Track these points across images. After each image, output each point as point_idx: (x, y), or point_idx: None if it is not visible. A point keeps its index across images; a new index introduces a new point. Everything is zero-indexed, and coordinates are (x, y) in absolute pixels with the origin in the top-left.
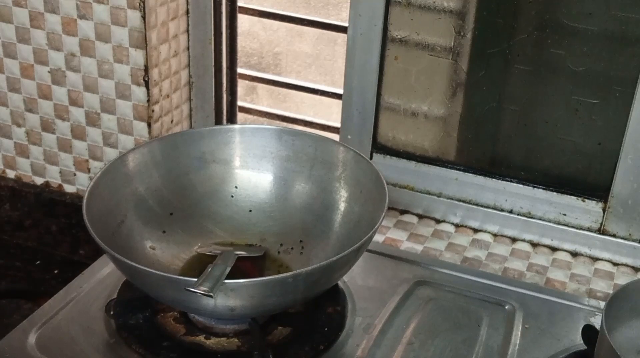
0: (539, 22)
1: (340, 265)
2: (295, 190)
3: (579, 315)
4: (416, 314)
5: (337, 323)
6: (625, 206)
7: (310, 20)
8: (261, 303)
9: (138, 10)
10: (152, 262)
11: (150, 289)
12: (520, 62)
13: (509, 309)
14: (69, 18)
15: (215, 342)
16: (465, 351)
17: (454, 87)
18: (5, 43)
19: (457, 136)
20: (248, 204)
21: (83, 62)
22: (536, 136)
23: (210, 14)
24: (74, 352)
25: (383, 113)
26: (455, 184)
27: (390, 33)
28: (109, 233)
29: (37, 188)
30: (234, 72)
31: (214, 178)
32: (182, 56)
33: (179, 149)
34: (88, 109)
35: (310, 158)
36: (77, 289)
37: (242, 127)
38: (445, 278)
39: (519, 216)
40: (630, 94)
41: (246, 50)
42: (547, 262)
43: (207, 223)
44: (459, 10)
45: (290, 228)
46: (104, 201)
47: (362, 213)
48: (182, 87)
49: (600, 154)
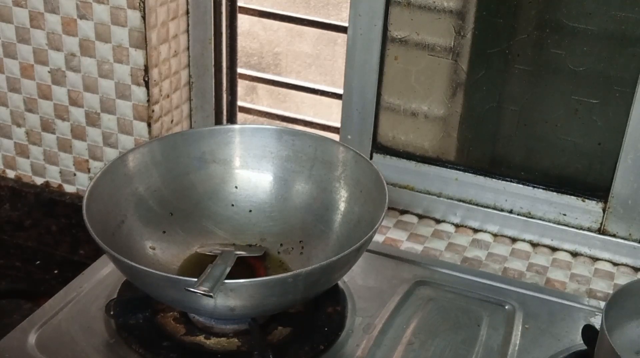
0: (539, 22)
1: (340, 265)
2: (295, 190)
3: (579, 315)
4: (416, 314)
5: (337, 323)
6: (625, 206)
7: (310, 20)
8: (261, 303)
9: (138, 10)
10: (152, 262)
11: (150, 289)
12: (520, 62)
13: (509, 309)
14: (69, 18)
15: (215, 342)
16: (465, 351)
17: (454, 87)
18: (5, 43)
19: (457, 136)
20: (248, 204)
21: (83, 62)
22: (536, 136)
23: (210, 14)
24: (74, 352)
25: (383, 113)
26: (455, 184)
27: (390, 33)
28: (109, 233)
29: (37, 188)
30: (234, 72)
31: (214, 178)
32: (182, 56)
33: (179, 149)
34: (88, 109)
35: (310, 158)
36: (77, 289)
37: (242, 127)
38: (445, 278)
39: (519, 216)
40: (630, 94)
41: (246, 50)
42: (547, 262)
43: (207, 223)
44: (459, 10)
45: (290, 228)
46: (104, 201)
47: (362, 213)
48: (182, 87)
49: (600, 154)
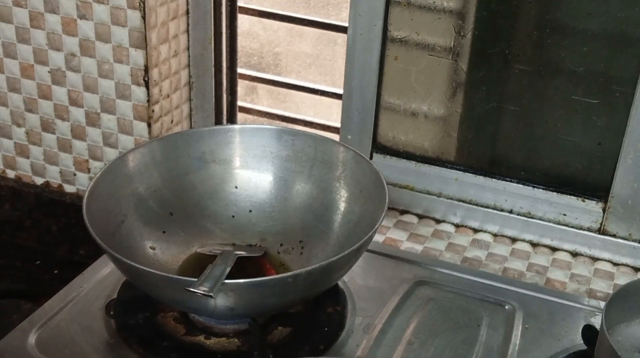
0: (539, 22)
1: (340, 265)
2: (295, 190)
3: (579, 315)
4: (416, 314)
5: (337, 323)
6: (625, 206)
7: (310, 20)
8: (261, 303)
9: (138, 10)
10: (152, 262)
11: (150, 289)
12: (520, 62)
13: (509, 309)
14: (69, 18)
15: (215, 342)
16: (465, 351)
17: (454, 87)
18: (5, 43)
19: (457, 136)
20: (248, 204)
21: (83, 62)
22: (536, 136)
23: (210, 14)
24: (74, 352)
25: (383, 113)
26: (455, 184)
27: (390, 33)
28: (109, 233)
29: (37, 188)
30: (234, 72)
31: (214, 178)
32: (182, 56)
33: (179, 149)
34: (88, 109)
35: (310, 158)
36: (77, 289)
37: (242, 127)
38: (445, 278)
39: (519, 216)
40: (630, 94)
41: (246, 50)
42: (547, 262)
43: (207, 223)
44: (459, 10)
45: (290, 228)
46: (104, 201)
47: (362, 213)
48: (182, 87)
49: (600, 154)
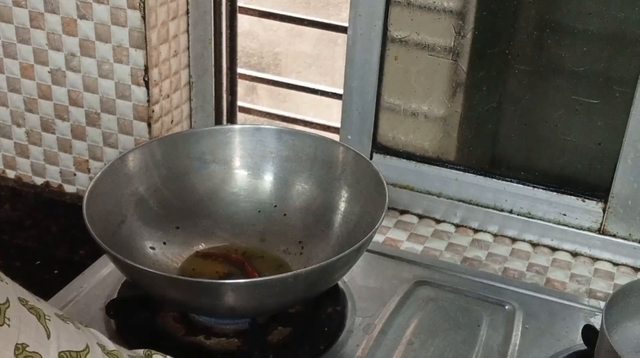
0: (539, 22)
1: (340, 265)
2: (295, 190)
3: (579, 315)
4: (416, 314)
5: (337, 323)
6: (625, 206)
7: (310, 21)
8: (261, 303)
9: (138, 10)
10: (152, 262)
11: (150, 289)
12: (520, 62)
13: (509, 309)
14: (69, 18)
15: (215, 342)
16: (465, 351)
17: (454, 87)
18: (5, 43)
19: (457, 136)
20: (248, 204)
21: (83, 62)
22: (536, 136)
23: (210, 14)
24: None
25: (383, 113)
26: (455, 184)
27: (390, 33)
28: (109, 233)
29: (37, 188)
30: (234, 73)
31: (214, 178)
32: (182, 56)
33: (179, 149)
34: (88, 109)
35: (310, 158)
36: (77, 289)
37: (242, 127)
38: (445, 278)
39: (519, 216)
40: (630, 94)
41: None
42: (547, 262)
43: (207, 223)
44: (459, 10)
45: (290, 228)
46: (104, 201)
47: (362, 213)
48: (182, 88)
49: (600, 154)
